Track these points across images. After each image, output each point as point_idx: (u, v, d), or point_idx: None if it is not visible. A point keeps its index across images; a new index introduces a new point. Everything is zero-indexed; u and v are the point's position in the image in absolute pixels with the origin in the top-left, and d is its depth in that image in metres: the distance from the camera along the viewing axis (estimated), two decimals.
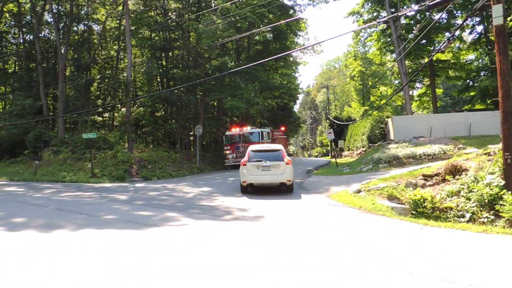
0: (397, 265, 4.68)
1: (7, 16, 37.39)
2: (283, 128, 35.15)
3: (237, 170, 21.56)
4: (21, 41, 37.38)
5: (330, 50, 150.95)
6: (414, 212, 9.58)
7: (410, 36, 28.98)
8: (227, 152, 26.56)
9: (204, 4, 31.74)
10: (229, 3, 26.41)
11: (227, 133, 27.57)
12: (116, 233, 6.62)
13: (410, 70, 32.84)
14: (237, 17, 26.53)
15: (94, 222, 7.67)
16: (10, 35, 39.28)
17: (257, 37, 35.00)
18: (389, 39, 32.44)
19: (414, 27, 24.12)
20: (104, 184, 18.21)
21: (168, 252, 5.40)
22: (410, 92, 37.38)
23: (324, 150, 72.05)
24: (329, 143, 54.63)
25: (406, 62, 31.09)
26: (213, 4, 30.28)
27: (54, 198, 11.97)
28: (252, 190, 13.23)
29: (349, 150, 41.04)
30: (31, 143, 27.24)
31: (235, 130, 26.98)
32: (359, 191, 11.15)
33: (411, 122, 25.14)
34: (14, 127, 28.69)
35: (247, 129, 26.82)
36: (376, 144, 25.94)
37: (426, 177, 11.69)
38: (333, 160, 28.07)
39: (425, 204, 9.77)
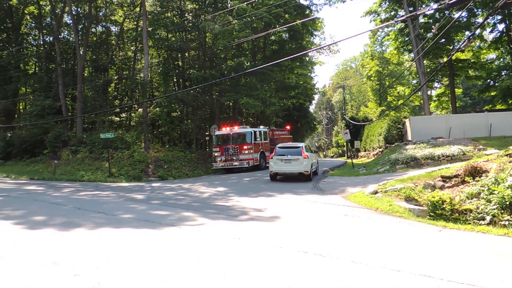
0: (415, 267, 4.60)
1: (28, 18, 38.29)
2: (288, 127, 32.97)
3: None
4: (41, 42, 38.19)
5: (346, 50, 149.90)
6: (432, 214, 9.41)
7: (429, 35, 28.51)
8: (216, 154, 24.09)
9: (220, 4, 31.87)
10: (245, 3, 26.44)
11: (217, 132, 25.13)
12: (133, 232, 6.67)
13: (428, 70, 32.32)
14: (253, 17, 26.54)
15: (111, 221, 7.77)
16: (30, 37, 40.21)
17: (273, 37, 34.95)
18: (407, 38, 32.01)
19: (433, 26, 23.64)
20: (121, 183, 18.44)
21: (184, 253, 5.42)
22: (429, 92, 36.84)
23: (340, 151, 71.53)
24: (345, 144, 54.21)
25: (425, 61, 30.59)
26: (229, 5, 30.37)
27: (72, 197, 12.18)
28: (269, 189, 13.27)
29: (365, 150, 40.66)
30: (51, 142, 27.78)
31: (225, 130, 24.47)
32: (376, 192, 11.01)
33: (430, 123, 24.74)
34: (34, 127, 29.35)
35: (238, 128, 24.44)
36: (393, 145, 25.63)
37: (445, 178, 11.47)
38: (349, 160, 27.75)
39: (444, 206, 9.58)
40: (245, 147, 23.28)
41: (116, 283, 4.10)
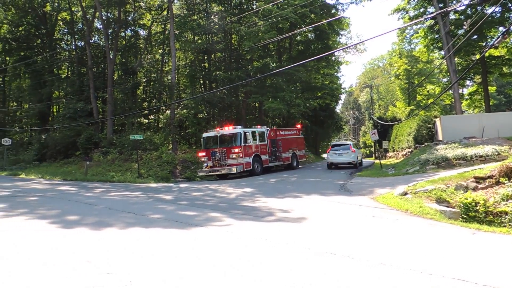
0: (447, 270, 4.47)
1: (61, 24, 39.68)
2: (298, 126, 29.88)
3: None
4: (73, 47, 39.50)
5: (373, 49, 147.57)
6: (465, 216, 9.12)
7: (460, 31, 27.67)
8: (202, 159, 21.34)
9: (246, 6, 32.05)
10: (271, 4, 26.45)
11: (204, 134, 22.25)
12: (163, 232, 6.79)
13: (460, 68, 31.36)
14: (279, 18, 26.51)
15: (141, 221, 7.93)
16: (63, 42, 41.66)
17: (298, 37, 34.85)
18: (437, 36, 31.15)
19: (464, 22, 22.99)
20: (149, 184, 18.80)
21: (212, 253, 5.47)
22: (460, 91, 35.71)
23: (368, 151, 70.46)
24: (372, 144, 53.40)
25: (456, 59, 29.70)
26: (255, 6, 30.47)
27: (103, 197, 12.51)
28: (296, 190, 13.24)
29: (393, 151, 39.89)
30: (83, 144, 28.65)
31: (213, 131, 21.81)
32: (405, 194, 10.77)
33: (461, 122, 24.00)
34: (67, 129, 30.36)
35: (226, 129, 21.41)
36: (423, 145, 25.01)
37: (478, 179, 11.10)
38: (377, 161, 27.25)
39: (477, 208, 9.28)
40: (233, 150, 20.26)
41: (147, 282, 4.18)
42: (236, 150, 20.20)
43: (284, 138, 25.24)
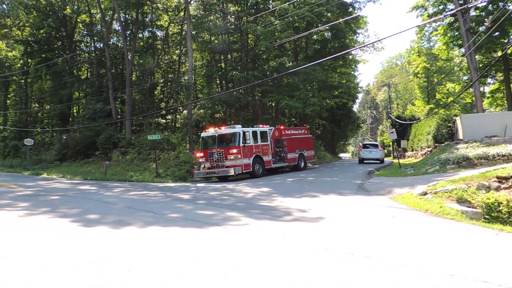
0: (470, 272, 4.38)
1: (81, 26, 40.43)
2: (306, 126, 29.22)
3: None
4: (93, 49, 40.20)
5: (391, 47, 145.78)
6: (487, 217, 8.93)
7: (481, 28, 27.08)
8: (200, 159, 20.43)
9: (262, 6, 32.04)
10: (287, 3, 26.37)
11: (203, 134, 21.43)
12: (181, 231, 6.85)
13: (481, 65, 30.69)
14: (295, 17, 26.41)
15: (160, 220, 8.01)
16: (83, 44, 42.45)
17: (315, 36, 34.69)
18: (457, 33, 30.55)
19: (485, 19, 22.46)
20: (167, 183, 18.99)
21: (231, 252, 5.49)
22: (481, 89, 35.01)
23: (386, 151, 69.57)
24: (390, 143, 52.75)
25: (477, 56, 29.08)
26: (271, 6, 30.45)
27: (123, 196, 12.69)
28: (313, 189, 13.19)
29: (412, 150, 39.31)
30: (102, 144, 29.12)
31: (211, 131, 20.72)
32: (425, 194, 10.60)
33: (483, 121, 23.47)
34: (87, 129, 30.92)
35: (224, 128, 20.55)
36: (443, 144, 24.58)
37: (501, 179, 10.84)
38: (396, 160, 26.90)
39: (500, 208, 9.07)
40: (231, 151, 19.22)
41: (167, 280, 4.23)
42: (234, 150, 19.12)
43: (290, 138, 23.94)
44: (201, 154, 20.33)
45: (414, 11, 33.18)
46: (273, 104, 35.00)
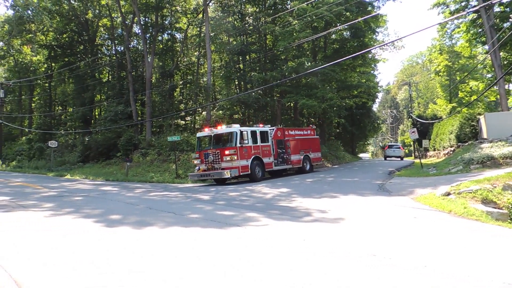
0: (498, 275, 4.27)
1: (102, 30, 41.28)
2: (313, 127, 26.92)
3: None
4: (114, 52, 40.93)
5: (412, 45, 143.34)
6: None
7: (505, 25, 26.37)
8: (196, 161, 18.96)
9: (280, 6, 31.99)
10: (305, 3, 26.25)
11: (199, 134, 19.98)
12: (201, 232, 6.91)
13: (505, 62, 29.85)
14: (314, 17, 26.25)
15: (180, 220, 8.10)
16: (104, 47, 43.31)
17: (333, 36, 34.41)
18: (480, 30, 29.84)
19: (510, 15, 21.90)
20: (187, 184, 19.17)
21: (251, 253, 5.51)
22: (506, 86, 33.97)
23: (407, 150, 68.56)
24: (412, 143, 51.91)
25: (501, 53, 28.30)
26: (289, 6, 30.38)
27: (144, 197, 12.88)
28: (333, 190, 13.09)
29: (434, 150, 38.59)
30: (123, 146, 29.62)
31: (207, 131, 19.23)
32: (448, 194, 10.39)
33: (508, 119, 22.81)
34: (108, 131, 31.52)
35: (221, 128, 19.01)
36: (467, 144, 24.04)
37: None
38: (417, 160, 26.45)
39: None
40: (226, 152, 17.50)
41: (184, 284, 4.27)
42: (230, 151, 17.44)
43: (294, 139, 22.34)
44: (197, 156, 18.91)
45: (435, 8, 32.57)
46: (292, 104, 34.90)
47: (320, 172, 23.66)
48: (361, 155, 60.73)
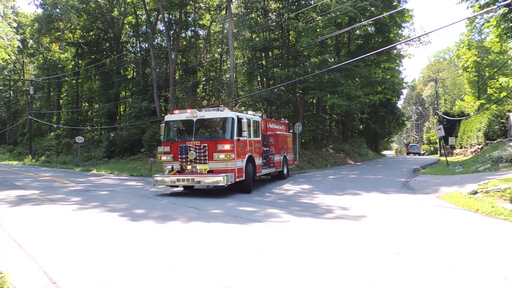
0: None
1: (127, 27, 41.96)
2: (285, 121, 21.76)
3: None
4: (138, 49, 41.57)
5: (439, 41, 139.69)
6: None
7: None
8: (164, 157, 12.49)
9: (303, 2, 31.71)
10: None
11: (167, 118, 13.02)
12: (223, 227, 6.97)
13: None
14: (337, 13, 25.88)
15: (202, 215, 8.19)
16: (129, 45, 44.04)
17: (357, 31, 33.88)
18: (511, 24, 28.81)
19: None
20: None
21: (273, 248, 5.52)
22: None
23: (432, 148, 67.20)
24: (437, 141, 50.77)
25: None
26: (313, 2, 30.08)
27: (166, 192, 13.07)
28: (355, 187, 12.97)
29: (461, 147, 37.63)
30: (147, 142, 30.06)
31: (184, 113, 12.64)
32: (475, 193, 10.11)
33: None
34: (133, 127, 32.03)
35: (207, 111, 12.58)
36: (495, 141, 23.35)
37: None
38: (443, 158, 25.83)
39: None
40: (220, 146, 11.70)
41: (209, 276, 4.32)
42: (226, 146, 11.68)
43: (275, 134, 16.85)
44: (167, 149, 12.45)
45: (464, 2, 31.52)
46: (314, 101, 34.60)
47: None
48: (384, 152, 59.90)
